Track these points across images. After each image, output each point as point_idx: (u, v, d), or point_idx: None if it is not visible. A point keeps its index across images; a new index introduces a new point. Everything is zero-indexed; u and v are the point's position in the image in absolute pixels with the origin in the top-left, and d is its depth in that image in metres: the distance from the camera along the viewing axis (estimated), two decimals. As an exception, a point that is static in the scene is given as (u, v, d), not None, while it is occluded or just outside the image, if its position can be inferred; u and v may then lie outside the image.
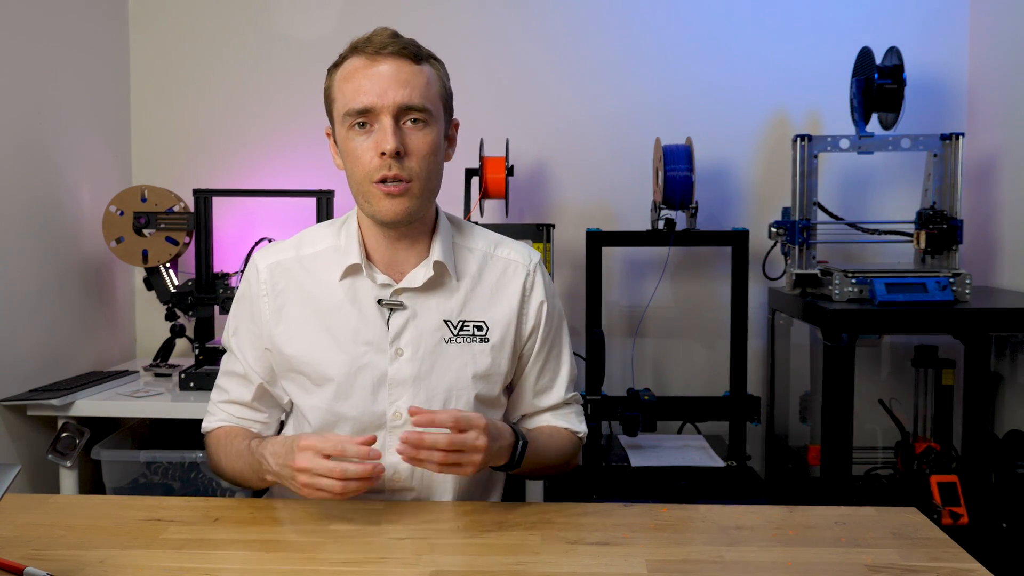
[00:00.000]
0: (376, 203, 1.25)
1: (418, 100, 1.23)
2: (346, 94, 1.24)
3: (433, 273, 1.31)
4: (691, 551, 1.09)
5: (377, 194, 1.24)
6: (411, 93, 1.22)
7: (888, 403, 2.41)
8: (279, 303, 1.33)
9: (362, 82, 1.22)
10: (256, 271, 1.35)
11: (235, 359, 1.38)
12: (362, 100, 1.22)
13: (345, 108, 1.24)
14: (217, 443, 1.37)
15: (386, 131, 1.21)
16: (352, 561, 1.06)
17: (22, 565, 1.00)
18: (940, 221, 2.19)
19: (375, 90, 1.21)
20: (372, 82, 1.22)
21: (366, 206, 1.27)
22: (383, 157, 1.22)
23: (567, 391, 1.44)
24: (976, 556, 1.07)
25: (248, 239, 2.40)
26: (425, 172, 1.25)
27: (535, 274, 1.39)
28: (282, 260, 1.35)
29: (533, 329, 1.38)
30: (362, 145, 1.24)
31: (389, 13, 2.62)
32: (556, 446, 1.39)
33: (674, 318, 2.67)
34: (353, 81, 1.23)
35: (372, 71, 1.23)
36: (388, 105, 1.21)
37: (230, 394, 1.40)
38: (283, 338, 1.32)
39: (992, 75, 2.49)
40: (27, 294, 2.12)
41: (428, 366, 1.30)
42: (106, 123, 2.56)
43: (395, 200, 1.24)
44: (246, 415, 1.40)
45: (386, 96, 1.21)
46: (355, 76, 1.23)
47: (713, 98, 2.62)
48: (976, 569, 1.03)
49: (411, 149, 1.23)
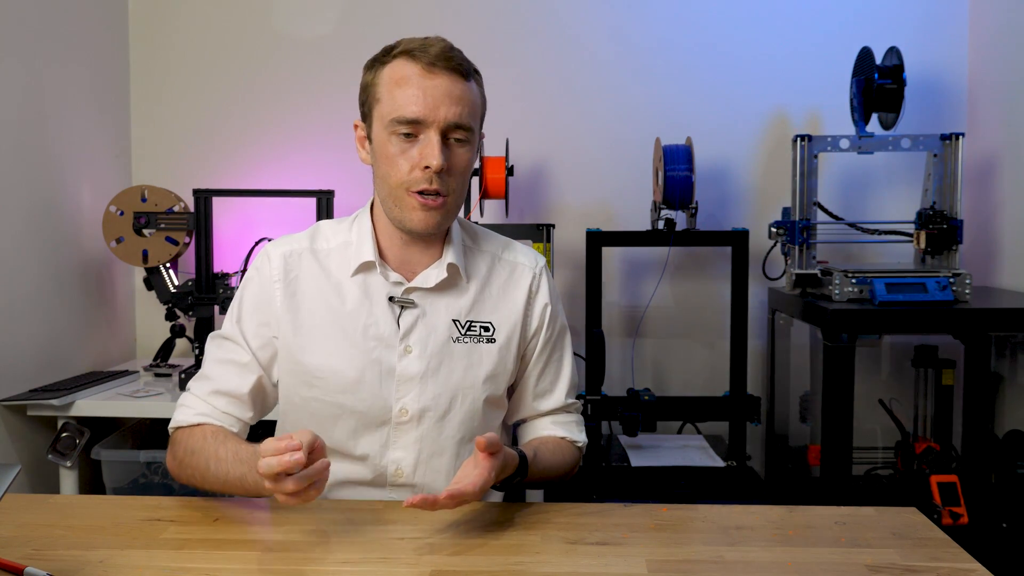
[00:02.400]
0: (409, 212, 1.25)
1: (466, 119, 1.24)
2: (396, 99, 1.23)
3: (446, 275, 1.32)
4: (691, 551, 1.09)
5: (413, 204, 1.24)
6: (461, 112, 1.23)
7: (888, 403, 2.41)
8: (291, 290, 1.32)
9: (415, 91, 1.21)
10: (268, 259, 1.34)
11: (236, 347, 1.33)
12: (413, 110, 1.21)
13: (394, 114, 1.23)
14: (203, 440, 1.26)
15: (434, 147, 1.21)
16: (352, 561, 1.06)
17: (22, 565, 1.00)
18: (940, 221, 2.19)
19: (428, 103, 1.21)
20: (426, 94, 1.21)
21: (396, 211, 1.27)
22: (426, 171, 1.22)
23: (567, 396, 1.44)
24: (976, 556, 1.07)
25: (248, 239, 2.40)
26: (460, 188, 1.27)
27: (540, 277, 1.40)
28: (296, 249, 1.35)
29: (536, 331, 1.39)
30: (405, 153, 1.23)
31: (389, 13, 2.62)
32: (556, 459, 1.38)
33: (674, 318, 2.67)
34: (405, 88, 1.22)
35: (427, 82, 1.22)
36: (439, 121, 1.22)
37: (220, 384, 1.32)
38: (292, 327, 1.31)
39: (992, 75, 2.49)
40: (27, 294, 2.12)
41: (436, 364, 1.31)
42: (106, 123, 2.56)
43: (429, 212, 1.25)
44: (233, 410, 1.32)
45: (438, 112, 1.21)
46: (408, 83, 1.22)
47: (713, 98, 2.62)
48: (976, 569, 1.03)
49: (452, 165, 1.24)
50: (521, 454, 1.27)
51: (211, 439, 1.26)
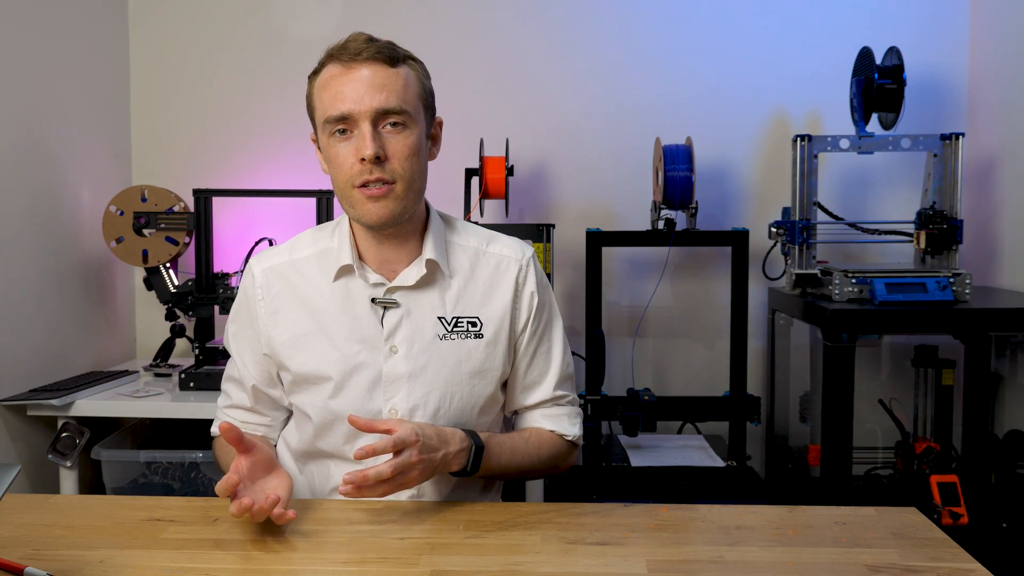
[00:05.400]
0: (360, 207, 1.27)
1: (395, 103, 1.24)
2: (324, 101, 1.26)
3: (426, 271, 1.32)
4: (691, 551, 1.09)
5: (360, 198, 1.26)
6: (388, 97, 1.24)
7: (888, 403, 2.41)
8: (274, 306, 1.34)
9: (339, 89, 1.24)
10: (252, 276, 1.38)
11: (233, 365, 1.41)
12: (339, 107, 1.24)
13: (324, 116, 1.26)
14: (223, 447, 1.39)
15: (365, 137, 1.23)
16: (352, 561, 1.06)
17: (22, 565, 1.00)
18: (940, 221, 2.19)
19: (352, 96, 1.23)
20: (349, 88, 1.23)
21: (351, 211, 1.29)
22: (363, 163, 1.24)
23: (556, 388, 1.41)
24: (976, 556, 1.07)
25: (248, 239, 2.40)
26: (408, 173, 1.27)
27: (528, 268, 1.39)
28: (276, 264, 1.37)
29: (525, 323, 1.38)
30: (343, 151, 1.25)
31: (389, 13, 2.61)
32: (530, 451, 1.37)
33: (674, 318, 2.67)
34: (330, 88, 1.25)
35: (348, 77, 1.24)
36: (365, 111, 1.23)
37: (232, 399, 1.43)
38: (279, 340, 1.34)
39: (992, 75, 2.49)
40: (27, 294, 2.12)
41: (423, 363, 1.31)
42: (106, 123, 2.56)
43: (378, 203, 1.25)
44: (248, 419, 1.42)
45: (363, 102, 1.23)
46: (332, 83, 1.25)
47: (713, 98, 2.62)
48: (976, 569, 1.03)
49: (391, 152, 1.25)
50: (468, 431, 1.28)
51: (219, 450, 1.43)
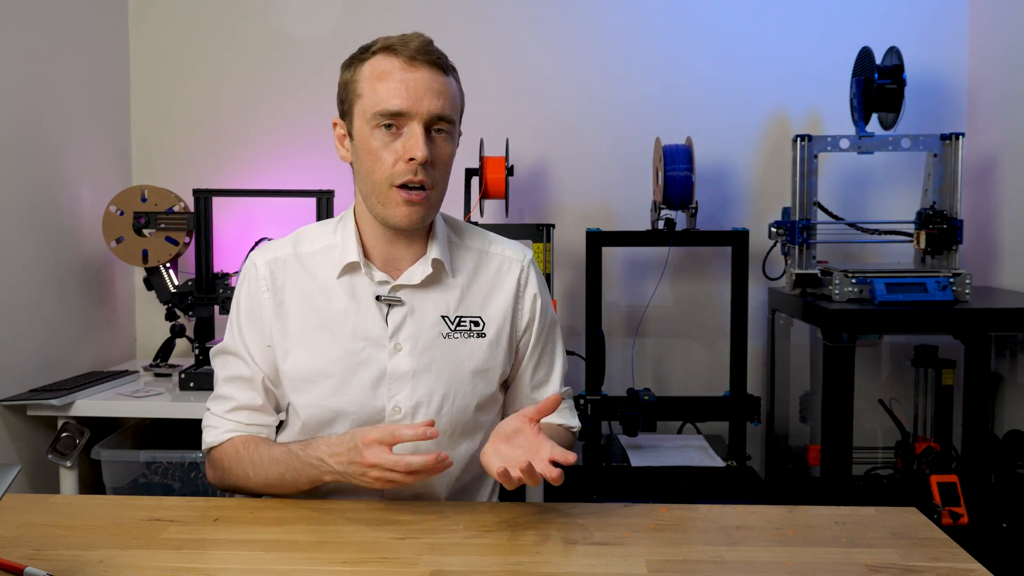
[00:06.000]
0: (393, 208, 1.26)
1: (448, 111, 1.26)
2: (378, 93, 1.24)
3: (431, 270, 1.32)
4: (691, 551, 1.09)
5: (396, 199, 1.25)
6: (443, 104, 1.25)
7: (888, 403, 2.41)
8: (279, 299, 1.33)
9: (397, 84, 1.23)
10: (255, 267, 1.35)
11: (239, 362, 1.35)
12: (396, 103, 1.22)
13: (376, 107, 1.24)
14: (236, 454, 1.31)
15: (418, 138, 1.23)
16: (352, 561, 1.06)
17: (22, 565, 1.00)
18: (940, 221, 2.19)
19: (411, 96, 1.23)
20: (408, 87, 1.23)
21: (379, 208, 1.28)
22: (410, 163, 1.23)
23: (562, 385, 1.46)
24: (976, 556, 1.07)
25: (248, 239, 2.40)
26: (443, 181, 1.29)
27: (529, 270, 1.41)
28: (280, 256, 1.35)
29: (528, 323, 1.40)
30: (389, 147, 1.24)
31: (389, 13, 2.62)
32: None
33: (674, 318, 2.67)
34: (387, 82, 1.23)
35: (408, 75, 1.23)
36: (422, 113, 1.23)
37: (238, 400, 1.34)
38: (282, 334, 1.32)
39: (992, 75, 2.49)
40: (27, 294, 2.12)
41: (427, 361, 1.31)
42: (106, 123, 2.56)
43: (414, 207, 1.26)
44: (257, 420, 1.35)
45: (421, 104, 1.23)
46: (390, 77, 1.24)
47: (713, 98, 2.62)
48: (976, 569, 1.03)
49: (436, 158, 1.26)
50: None
51: (243, 449, 1.31)
